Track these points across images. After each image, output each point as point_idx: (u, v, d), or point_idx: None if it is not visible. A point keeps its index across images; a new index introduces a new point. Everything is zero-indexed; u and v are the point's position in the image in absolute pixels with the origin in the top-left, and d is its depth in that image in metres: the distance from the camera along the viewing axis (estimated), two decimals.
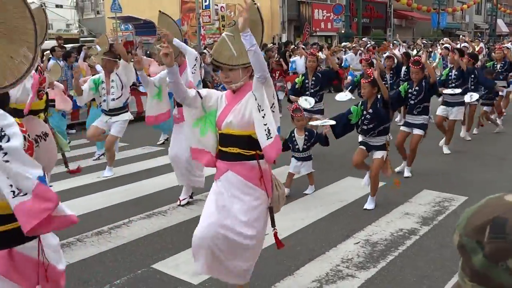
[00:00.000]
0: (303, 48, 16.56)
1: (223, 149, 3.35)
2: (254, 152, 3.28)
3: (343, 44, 21.17)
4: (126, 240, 4.88)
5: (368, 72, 5.57)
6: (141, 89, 11.87)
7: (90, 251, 4.63)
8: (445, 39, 18.49)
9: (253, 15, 3.23)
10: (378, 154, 5.61)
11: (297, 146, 6.12)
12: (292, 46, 19.62)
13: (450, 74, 8.02)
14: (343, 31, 27.85)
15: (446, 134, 8.24)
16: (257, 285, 3.92)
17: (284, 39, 26.39)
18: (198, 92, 3.37)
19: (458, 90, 8.24)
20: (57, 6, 34.04)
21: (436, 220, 5.22)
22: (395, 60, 10.30)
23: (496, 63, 10.65)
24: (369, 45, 19.32)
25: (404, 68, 9.96)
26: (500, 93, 9.92)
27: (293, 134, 6.18)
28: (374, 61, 9.38)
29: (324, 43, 26.41)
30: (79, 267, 4.30)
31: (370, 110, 5.56)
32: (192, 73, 5.37)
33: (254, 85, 3.18)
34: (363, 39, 21.59)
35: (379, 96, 5.56)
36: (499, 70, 10.35)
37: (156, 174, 7.31)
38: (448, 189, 6.26)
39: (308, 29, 29.01)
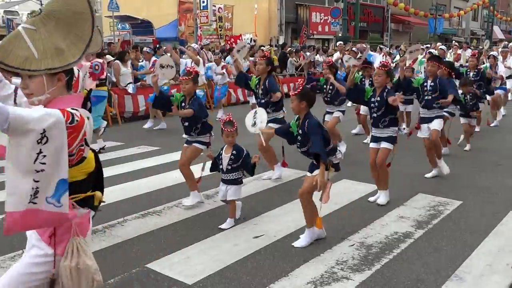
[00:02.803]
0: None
1: None
2: None
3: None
4: (120, 239, 4.86)
5: (299, 82, 4.71)
6: (130, 90, 11.80)
7: None
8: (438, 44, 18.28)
9: (76, 5, 2.34)
10: (316, 172, 4.66)
11: (221, 166, 5.20)
12: (289, 49, 19.66)
13: (425, 84, 6.96)
14: (340, 35, 27.89)
15: (436, 150, 7.10)
16: (252, 285, 3.91)
17: (281, 41, 26.43)
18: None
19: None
20: None
21: (431, 224, 5.23)
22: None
23: (469, 71, 9.98)
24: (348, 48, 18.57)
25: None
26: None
27: (221, 152, 5.26)
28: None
29: (320, 45, 26.50)
30: None
31: (300, 131, 4.66)
32: None
33: None
34: (338, 42, 21.34)
35: (308, 115, 4.62)
36: (472, 79, 9.61)
37: (152, 173, 7.29)
38: (443, 193, 6.27)
39: (305, 32, 29.06)
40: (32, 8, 30.49)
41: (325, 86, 8.04)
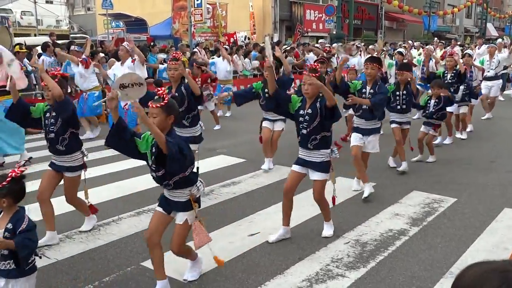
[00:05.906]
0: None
1: None
2: None
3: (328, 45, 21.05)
4: (115, 237, 4.85)
5: (159, 93, 3.59)
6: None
7: (79, 247, 4.60)
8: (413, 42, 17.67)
9: None
10: (180, 217, 3.75)
11: None
12: (285, 46, 19.61)
13: (363, 90, 5.95)
14: (334, 32, 27.89)
15: (358, 170, 6.10)
16: (247, 283, 3.91)
17: (276, 39, 26.40)
18: None
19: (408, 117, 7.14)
20: (47, 1, 33.77)
21: (425, 221, 5.24)
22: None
23: (446, 72, 8.86)
24: (327, 45, 18.02)
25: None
26: (449, 109, 8.32)
27: None
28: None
29: (314, 43, 26.48)
30: (67, 264, 4.27)
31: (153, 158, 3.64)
32: None
33: None
34: (320, 40, 21.16)
35: (173, 131, 3.68)
36: (450, 81, 8.67)
37: (146, 171, 7.20)
38: (438, 190, 6.29)
39: (300, 30, 29.05)
40: (25, 5, 30.34)
41: (266, 90, 6.53)
